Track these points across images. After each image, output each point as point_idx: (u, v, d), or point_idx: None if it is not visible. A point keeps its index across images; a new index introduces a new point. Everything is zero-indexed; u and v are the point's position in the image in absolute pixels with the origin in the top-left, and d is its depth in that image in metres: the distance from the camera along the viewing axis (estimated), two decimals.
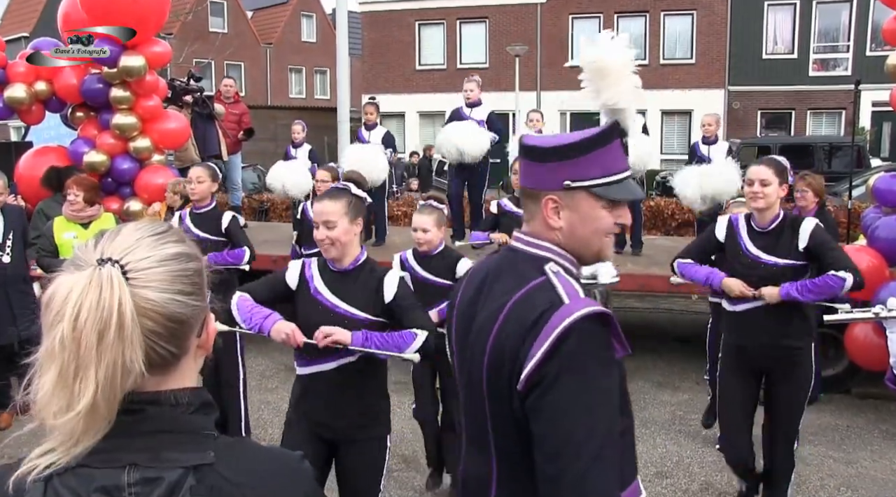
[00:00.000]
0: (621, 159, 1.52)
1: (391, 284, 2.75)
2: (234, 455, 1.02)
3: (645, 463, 4.78)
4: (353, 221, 2.72)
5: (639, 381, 6.34)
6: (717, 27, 23.72)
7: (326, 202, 2.73)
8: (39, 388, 0.93)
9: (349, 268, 2.76)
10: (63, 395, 0.92)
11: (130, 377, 0.94)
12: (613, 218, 1.55)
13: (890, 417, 5.52)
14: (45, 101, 7.04)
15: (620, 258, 7.29)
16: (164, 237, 1.02)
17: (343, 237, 2.69)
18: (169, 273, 0.99)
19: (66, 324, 0.91)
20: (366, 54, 27.09)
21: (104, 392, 0.92)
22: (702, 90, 23.43)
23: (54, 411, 0.92)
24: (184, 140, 7.64)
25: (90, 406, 0.92)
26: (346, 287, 2.75)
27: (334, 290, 2.75)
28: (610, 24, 24.54)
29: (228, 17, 34.48)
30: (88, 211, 5.46)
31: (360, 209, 2.77)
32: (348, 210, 2.71)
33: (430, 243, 3.94)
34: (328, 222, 2.68)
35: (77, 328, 0.91)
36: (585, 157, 1.49)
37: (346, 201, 2.72)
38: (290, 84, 37.33)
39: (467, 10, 25.57)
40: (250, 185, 15.68)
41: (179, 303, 0.98)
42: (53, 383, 0.92)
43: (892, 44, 5.65)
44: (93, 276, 0.93)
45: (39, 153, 7.21)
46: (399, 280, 2.79)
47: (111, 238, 1.00)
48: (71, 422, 0.92)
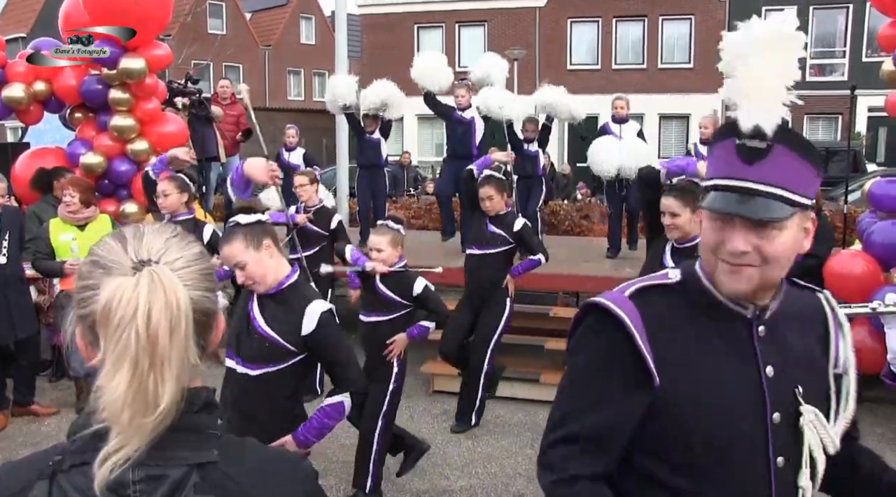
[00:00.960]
0: (728, 163, 1.31)
1: (311, 317, 2.67)
2: (238, 454, 1.04)
3: None
4: (258, 249, 2.68)
5: None
6: (715, 32, 23.67)
7: (225, 248, 2.70)
8: (110, 390, 0.94)
9: (272, 291, 2.74)
10: (140, 395, 0.94)
11: (188, 371, 0.98)
12: (715, 236, 1.31)
13: (886, 421, 5.54)
14: (43, 101, 7.03)
15: (616, 262, 7.33)
16: (185, 237, 1.07)
17: (258, 270, 2.68)
18: (199, 272, 1.04)
19: (139, 324, 0.94)
20: (365, 57, 27.09)
21: (178, 390, 0.96)
22: (699, 95, 23.46)
23: (132, 412, 0.94)
24: (182, 143, 7.63)
25: (171, 403, 0.95)
26: (272, 310, 2.73)
27: (262, 309, 2.75)
28: (608, 28, 24.64)
29: (227, 19, 34.48)
30: (85, 212, 5.45)
31: (258, 233, 2.69)
32: (248, 243, 2.67)
33: (385, 262, 4.08)
34: (238, 264, 2.67)
35: (151, 328, 0.94)
36: (711, 153, 1.37)
37: (241, 236, 2.68)
38: (288, 86, 37.33)
39: (466, 14, 25.60)
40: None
41: (209, 299, 1.04)
42: (127, 384, 0.94)
43: (887, 50, 5.67)
44: (153, 277, 0.96)
45: (36, 155, 7.19)
46: (321, 315, 2.68)
47: (138, 240, 1.02)
48: (155, 420, 0.95)
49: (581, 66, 25.03)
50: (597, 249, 7.81)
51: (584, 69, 24.93)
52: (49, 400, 5.82)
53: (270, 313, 2.72)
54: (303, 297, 2.73)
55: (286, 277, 2.76)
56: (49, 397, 5.89)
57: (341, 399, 2.73)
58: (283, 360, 2.70)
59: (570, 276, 6.37)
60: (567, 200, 13.03)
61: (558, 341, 6.12)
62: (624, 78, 23.70)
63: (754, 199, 1.25)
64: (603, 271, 6.95)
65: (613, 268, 7.10)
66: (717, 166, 1.33)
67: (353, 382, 2.75)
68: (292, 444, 2.68)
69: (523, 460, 4.87)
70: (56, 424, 5.37)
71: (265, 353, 2.70)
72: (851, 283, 5.01)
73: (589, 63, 25.02)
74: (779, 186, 1.25)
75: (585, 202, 11.71)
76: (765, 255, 1.26)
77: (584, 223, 10.07)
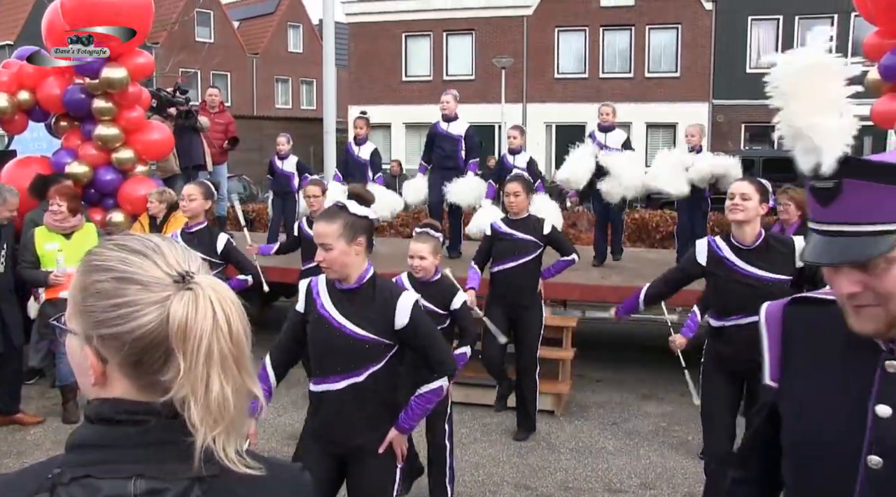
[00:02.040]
0: (812, 207, 1.25)
1: (404, 310, 2.70)
2: None
3: (629, 474, 4.79)
4: (350, 242, 2.65)
5: (623, 392, 6.36)
6: (701, 41, 23.98)
7: (322, 224, 2.68)
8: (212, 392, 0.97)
9: (354, 286, 2.73)
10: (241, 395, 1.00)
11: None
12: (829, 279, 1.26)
13: None
14: (27, 110, 6.99)
15: (604, 270, 7.35)
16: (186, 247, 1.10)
17: (341, 258, 2.65)
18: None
19: (223, 335, 0.98)
20: (352, 65, 27.14)
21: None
22: (686, 103, 23.65)
23: (238, 411, 1.00)
24: (168, 151, 7.61)
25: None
26: (353, 306, 2.72)
27: (340, 308, 2.73)
28: (596, 37, 24.78)
29: (215, 27, 34.45)
30: (71, 221, 5.44)
31: (358, 228, 2.68)
32: (344, 231, 2.64)
33: (425, 270, 4.01)
34: (324, 245, 2.66)
35: (234, 335, 0.99)
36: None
37: (342, 223, 2.65)
38: (276, 94, 37.31)
39: (454, 23, 25.70)
40: (236, 196, 15.61)
41: None
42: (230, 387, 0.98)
43: (872, 59, 5.73)
44: (210, 292, 0.99)
45: (22, 163, 7.15)
46: (412, 307, 2.73)
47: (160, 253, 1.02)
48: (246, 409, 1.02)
49: (568, 75, 25.17)
50: (585, 257, 7.83)
51: (571, 78, 25.08)
52: (35, 409, 5.77)
53: (351, 311, 2.72)
54: (383, 287, 2.76)
55: (366, 271, 2.76)
56: (35, 406, 5.84)
57: (440, 383, 2.79)
58: (382, 356, 2.74)
59: (557, 283, 6.36)
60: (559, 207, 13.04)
61: (546, 349, 6.11)
62: (611, 86, 23.84)
63: (844, 238, 1.19)
64: (591, 279, 6.96)
65: (601, 276, 7.12)
66: (809, 210, 1.28)
67: (449, 366, 2.82)
68: (399, 437, 2.79)
69: (510, 468, 4.86)
70: (42, 433, 5.32)
71: (363, 355, 2.71)
72: None
73: (576, 72, 25.17)
74: (863, 222, 1.17)
75: (574, 210, 11.73)
76: (879, 293, 1.19)
77: (572, 231, 10.09)
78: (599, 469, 4.87)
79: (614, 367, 7.02)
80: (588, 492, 4.55)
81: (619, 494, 4.52)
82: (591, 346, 7.25)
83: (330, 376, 2.74)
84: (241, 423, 1.01)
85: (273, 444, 5.23)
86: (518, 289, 5.14)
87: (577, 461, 5.00)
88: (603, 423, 5.74)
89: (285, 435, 5.35)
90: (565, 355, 6.21)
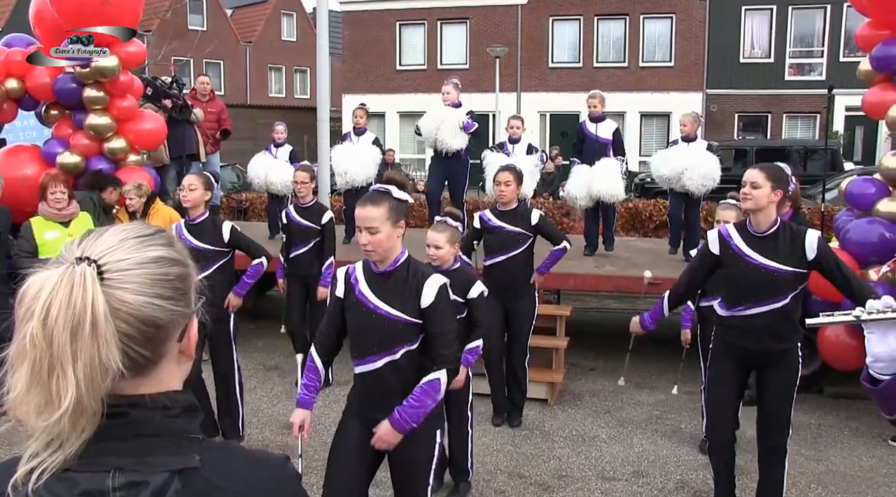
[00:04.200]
0: None
1: (431, 290, 2.77)
2: (220, 459, 1.02)
3: (622, 462, 4.82)
4: (395, 225, 2.75)
5: (616, 381, 6.38)
6: (695, 31, 23.95)
7: (369, 207, 2.72)
8: (13, 386, 0.92)
9: (390, 269, 2.82)
10: (40, 393, 0.91)
11: (109, 375, 0.93)
12: None
13: (859, 415, 5.62)
14: (17, 99, 6.94)
15: (598, 259, 7.37)
16: (149, 240, 1.01)
17: (386, 242, 2.73)
18: (148, 276, 0.97)
19: (35, 321, 0.90)
20: (346, 54, 27.01)
21: (87, 390, 0.91)
22: (680, 93, 23.65)
23: (35, 411, 0.91)
24: (160, 140, 7.57)
25: (75, 404, 0.91)
26: (388, 288, 2.81)
27: (376, 291, 2.82)
28: (590, 26, 24.74)
29: (208, 15, 34.18)
30: (70, 209, 5.48)
31: (401, 212, 2.79)
32: (390, 214, 2.73)
33: (441, 259, 4.03)
34: (371, 228, 2.70)
35: (48, 326, 0.90)
36: None
37: (389, 206, 2.73)
38: (269, 83, 37.10)
39: (448, 11, 25.59)
40: (229, 185, 15.56)
41: (157, 307, 0.97)
42: (28, 381, 0.91)
43: (864, 50, 5.74)
44: (65, 274, 0.92)
45: (12, 152, 7.10)
46: (439, 288, 2.79)
47: (95, 237, 0.99)
48: (57, 422, 0.91)
49: (562, 64, 25.12)
50: (578, 247, 7.85)
51: (565, 67, 25.02)
52: None
53: (386, 293, 2.79)
54: (416, 269, 2.82)
55: (402, 254, 2.84)
56: None
57: (439, 376, 2.76)
58: (416, 336, 2.80)
59: (551, 273, 6.37)
60: (553, 197, 13.08)
61: (540, 338, 6.13)
62: (605, 76, 23.80)
63: None
64: (584, 268, 6.98)
65: (595, 265, 7.14)
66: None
67: (451, 360, 2.81)
68: (390, 432, 2.74)
69: (504, 457, 4.89)
70: None
71: (396, 335, 2.77)
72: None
73: (570, 61, 25.12)
74: None
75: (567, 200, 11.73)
76: None
77: (566, 220, 10.11)
78: (592, 457, 4.90)
79: (608, 356, 7.05)
80: (581, 480, 4.58)
81: (612, 482, 4.56)
82: (584, 335, 7.29)
83: (368, 357, 2.83)
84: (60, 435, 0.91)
85: (267, 433, 5.25)
86: (511, 280, 5.17)
87: (571, 449, 5.03)
88: (596, 411, 5.77)
89: (279, 424, 5.36)
90: (559, 344, 6.24)
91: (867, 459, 4.91)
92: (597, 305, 8.58)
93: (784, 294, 3.50)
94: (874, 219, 5.38)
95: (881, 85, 5.60)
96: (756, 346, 3.61)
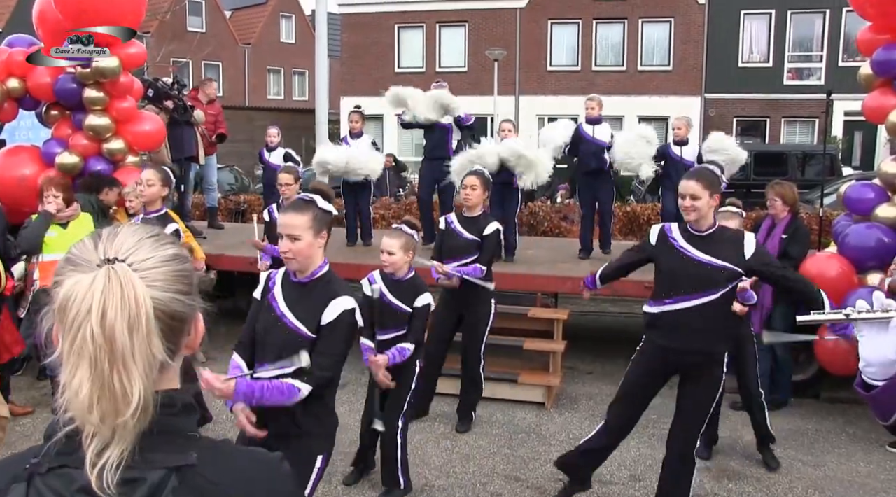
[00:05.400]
0: None
1: (334, 309, 2.68)
2: (217, 457, 1.04)
3: (619, 466, 4.81)
4: (317, 235, 2.71)
5: (613, 385, 6.36)
6: (694, 35, 24.00)
7: (291, 214, 2.71)
8: (73, 388, 0.94)
9: (306, 280, 2.77)
10: (107, 394, 0.93)
11: (157, 369, 0.98)
12: None
13: (857, 420, 5.61)
14: (18, 99, 6.93)
15: (593, 263, 7.35)
16: (162, 238, 1.06)
17: (307, 250, 2.70)
18: (171, 273, 1.02)
19: (93, 322, 0.93)
20: (345, 56, 27.03)
21: (147, 387, 0.95)
22: (678, 97, 23.67)
23: (103, 412, 0.93)
24: (159, 142, 7.56)
25: (143, 399, 0.94)
26: (300, 299, 2.76)
27: (288, 300, 2.77)
28: (588, 29, 24.78)
29: (207, 17, 34.19)
30: (67, 211, 5.48)
31: (324, 222, 2.75)
32: (313, 223, 2.69)
33: (394, 265, 4.04)
34: (292, 235, 2.68)
35: (106, 325, 0.93)
36: None
37: (312, 215, 2.70)
38: (268, 85, 37.12)
39: (447, 14, 25.63)
40: (227, 186, 15.57)
41: (180, 302, 1.02)
42: (90, 382, 0.93)
43: (865, 54, 5.75)
44: (110, 274, 0.95)
45: (11, 153, 7.10)
46: (343, 311, 2.68)
47: (111, 239, 1.01)
48: (130, 417, 0.94)
49: (561, 68, 25.15)
50: (575, 250, 7.85)
51: (563, 70, 25.06)
52: (25, 399, 5.74)
53: (297, 303, 2.74)
54: (330, 285, 2.75)
55: (321, 267, 2.78)
56: (24, 396, 5.81)
57: (300, 387, 2.60)
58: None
59: (548, 276, 6.39)
60: (550, 201, 13.08)
61: (537, 342, 6.13)
62: (603, 79, 23.85)
63: None
64: (581, 272, 6.96)
65: (592, 268, 7.11)
66: None
67: (319, 378, 2.65)
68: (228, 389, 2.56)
69: (501, 460, 4.88)
70: (31, 424, 5.30)
71: (297, 348, 2.59)
72: (826, 284, 5.04)
73: (569, 64, 25.15)
74: None
75: (565, 203, 11.75)
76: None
77: (564, 224, 10.11)
78: None
79: (605, 359, 7.04)
80: None
81: (608, 486, 4.55)
82: (581, 338, 7.28)
83: (265, 365, 2.67)
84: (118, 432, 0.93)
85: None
86: (465, 286, 5.09)
87: None
88: (593, 415, 5.76)
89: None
90: (556, 348, 6.24)
91: (865, 465, 4.91)
92: (594, 309, 8.57)
93: (715, 289, 3.53)
94: (873, 224, 5.39)
95: (881, 89, 5.61)
96: (684, 345, 3.61)
